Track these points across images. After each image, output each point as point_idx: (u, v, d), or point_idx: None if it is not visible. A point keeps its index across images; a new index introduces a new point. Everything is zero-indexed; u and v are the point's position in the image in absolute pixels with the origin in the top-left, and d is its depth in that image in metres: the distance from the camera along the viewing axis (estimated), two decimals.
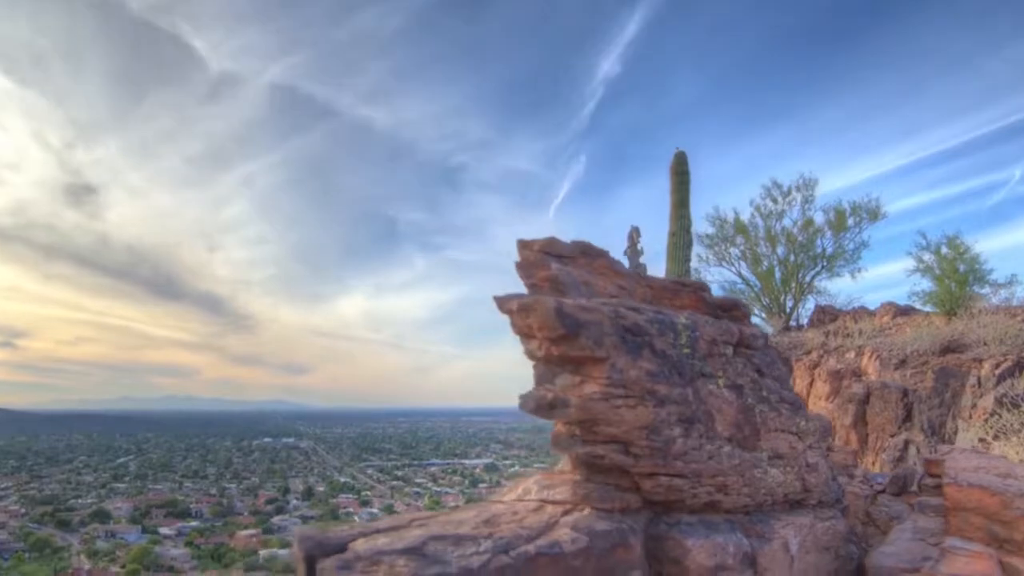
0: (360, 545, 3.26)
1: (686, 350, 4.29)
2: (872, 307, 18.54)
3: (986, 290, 15.97)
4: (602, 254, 5.33)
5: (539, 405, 3.85)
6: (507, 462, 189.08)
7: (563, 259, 4.91)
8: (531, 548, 3.19)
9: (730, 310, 5.37)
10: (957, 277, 15.62)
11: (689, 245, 12.31)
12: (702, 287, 5.51)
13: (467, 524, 3.44)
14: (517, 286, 4.67)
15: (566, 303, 3.91)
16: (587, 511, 3.60)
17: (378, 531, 3.47)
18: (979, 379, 10.95)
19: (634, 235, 12.58)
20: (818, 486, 4.36)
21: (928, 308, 16.53)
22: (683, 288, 5.41)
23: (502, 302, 4.15)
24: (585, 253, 5.19)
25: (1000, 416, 9.47)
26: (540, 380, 3.95)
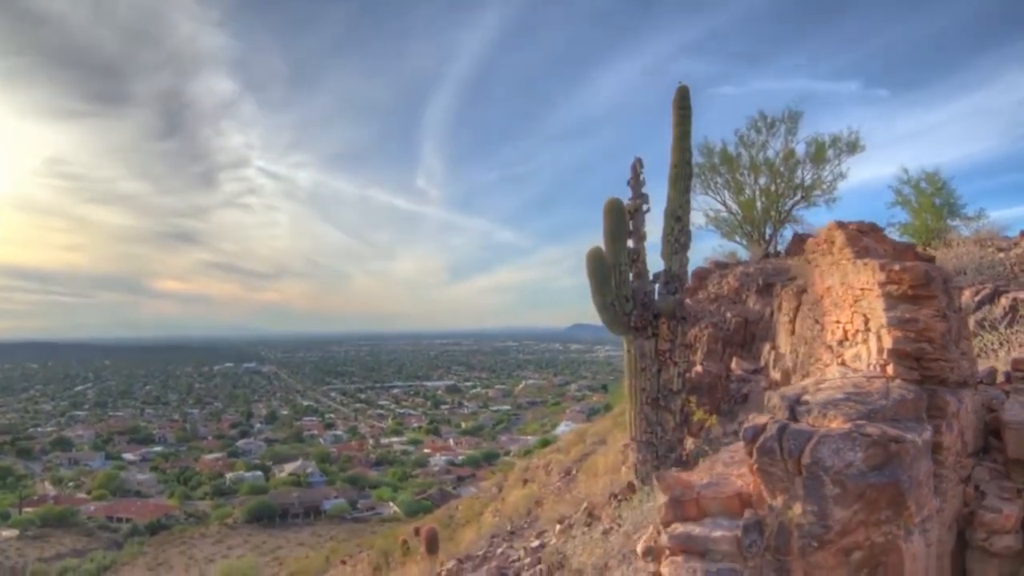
0: (810, 398, 5.41)
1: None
2: None
3: (957, 222, 16.90)
4: (878, 228, 8.64)
5: (901, 320, 6.38)
6: (468, 383, 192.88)
7: (863, 233, 8.07)
8: (896, 396, 5.48)
9: (931, 259, 8.60)
10: (933, 210, 16.49)
11: (689, 176, 12.76)
12: (914, 246, 9.14)
13: (847, 388, 5.71)
14: None
15: (927, 266, 6.71)
16: (898, 381, 6.02)
17: (805, 392, 5.59)
18: (959, 305, 11.71)
19: (636, 166, 12.86)
20: (973, 373, 6.93)
21: (904, 239, 17.35)
22: (907, 248, 8.46)
23: (883, 264, 6.70)
24: (873, 228, 8.58)
25: (981, 337, 10.33)
26: (888, 308, 6.50)
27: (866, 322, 7.02)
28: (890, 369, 6.29)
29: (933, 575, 5.03)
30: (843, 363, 7.32)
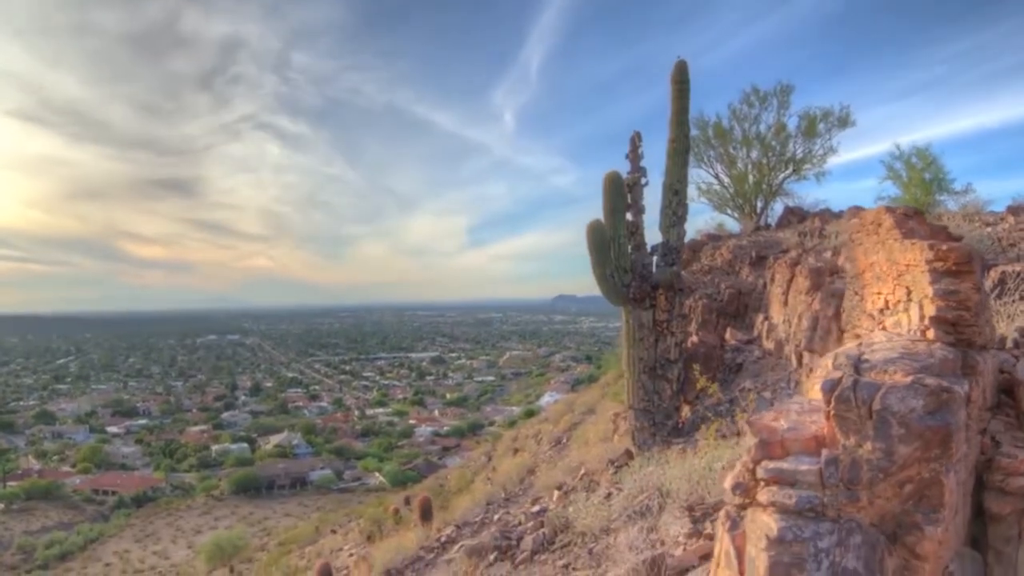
0: (869, 357, 6.17)
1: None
2: (837, 211, 19.59)
3: (945, 197, 17.25)
4: (920, 213, 9.61)
5: (946, 291, 7.18)
6: (453, 355, 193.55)
7: (908, 217, 9.00)
8: (939, 356, 6.31)
9: (960, 238, 9.54)
10: (923, 185, 16.80)
11: (687, 151, 12.95)
12: (946, 227, 9.71)
13: (897, 349, 6.50)
14: None
15: (969, 246, 7.60)
16: (938, 344, 6.89)
17: (863, 352, 6.33)
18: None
19: (635, 140, 12.98)
20: (993, 338, 7.80)
21: None
22: (941, 229, 9.28)
23: (932, 245, 7.45)
24: (916, 213, 9.59)
25: None
26: (934, 281, 7.36)
27: (908, 293, 8.13)
28: (930, 334, 7.33)
29: (960, 507, 6.08)
30: (884, 329, 8.46)
